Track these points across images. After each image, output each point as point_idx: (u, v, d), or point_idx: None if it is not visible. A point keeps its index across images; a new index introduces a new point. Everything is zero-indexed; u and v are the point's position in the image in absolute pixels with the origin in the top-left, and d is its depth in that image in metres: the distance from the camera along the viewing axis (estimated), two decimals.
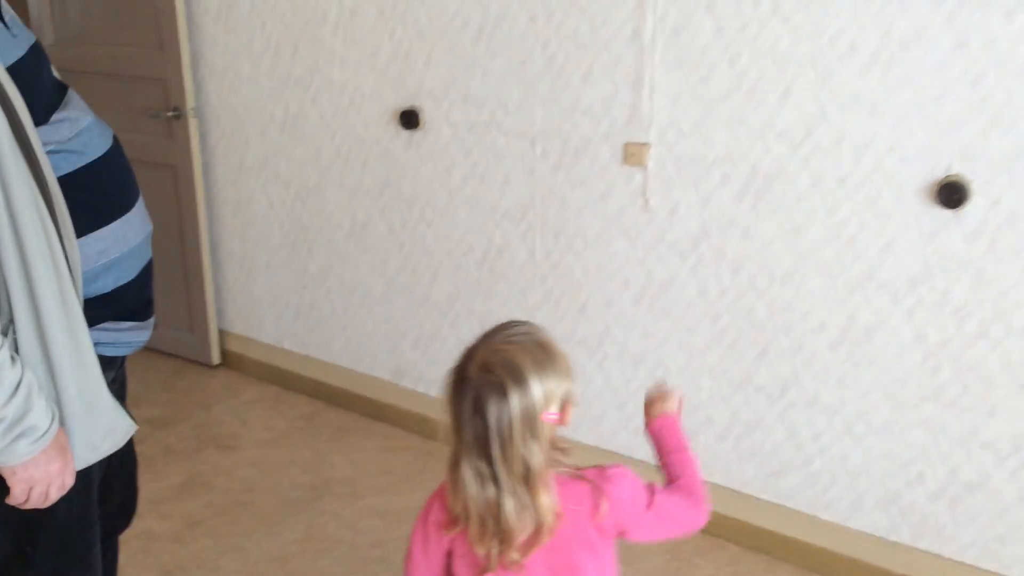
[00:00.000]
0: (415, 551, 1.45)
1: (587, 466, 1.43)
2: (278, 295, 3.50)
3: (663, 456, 1.55)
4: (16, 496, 1.40)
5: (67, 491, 1.44)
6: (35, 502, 1.42)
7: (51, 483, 1.40)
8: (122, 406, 1.56)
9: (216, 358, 3.69)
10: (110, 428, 1.49)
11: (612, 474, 1.41)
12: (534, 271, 2.81)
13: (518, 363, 1.30)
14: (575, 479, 1.40)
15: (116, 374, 1.60)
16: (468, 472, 1.32)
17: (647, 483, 1.46)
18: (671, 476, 1.52)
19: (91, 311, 1.46)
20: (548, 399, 1.32)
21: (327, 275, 3.33)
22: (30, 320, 1.34)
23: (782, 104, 2.26)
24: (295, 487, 2.93)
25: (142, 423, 1.94)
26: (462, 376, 1.33)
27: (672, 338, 2.61)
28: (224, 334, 3.69)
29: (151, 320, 1.64)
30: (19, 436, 1.32)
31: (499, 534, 1.33)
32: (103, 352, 1.50)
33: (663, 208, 2.51)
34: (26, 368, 1.35)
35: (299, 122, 3.18)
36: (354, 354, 3.36)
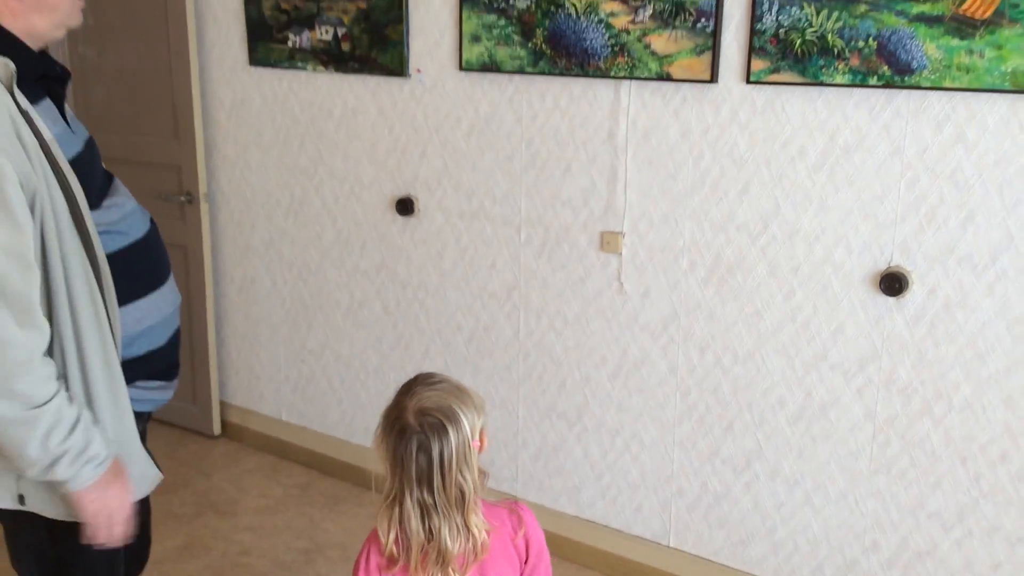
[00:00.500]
0: None
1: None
2: (278, 369, 3.70)
3: None
4: (89, 516, 1.56)
5: (125, 522, 1.61)
6: (103, 530, 1.58)
7: (113, 507, 1.56)
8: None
9: (217, 429, 3.86)
10: (141, 475, 1.67)
11: (523, 506, 1.68)
12: (518, 348, 3.01)
13: (449, 404, 1.54)
14: (495, 504, 1.66)
15: (143, 428, 1.79)
16: (411, 506, 1.55)
17: None
18: None
19: (127, 371, 1.66)
20: (472, 431, 1.55)
21: (325, 350, 3.53)
22: (78, 376, 1.54)
23: (741, 200, 2.49)
24: (289, 551, 3.08)
25: None
26: (402, 425, 1.55)
27: (645, 412, 2.80)
28: (225, 406, 3.88)
29: (175, 381, 1.84)
30: (84, 463, 1.51)
31: (439, 558, 1.55)
32: (135, 408, 1.70)
33: (636, 292, 2.73)
34: (81, 406, 1.54)
35: (303, 208, 3.42)
36: (348, 426, 3.54)
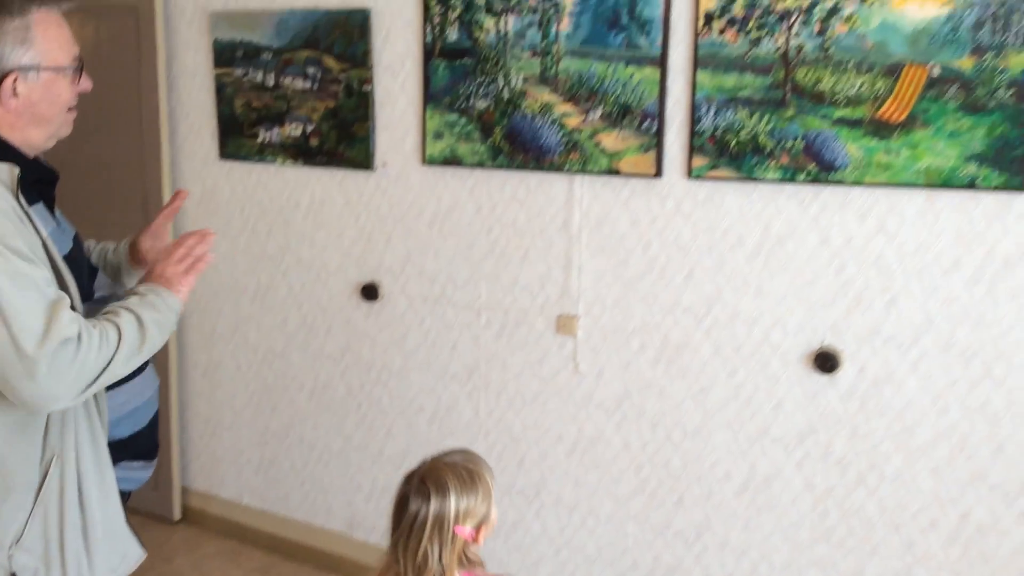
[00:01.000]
0: None
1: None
2: (240, 452, 3.76)
3: None
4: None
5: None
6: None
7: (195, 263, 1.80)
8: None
9: (178, 514, 3.89)
10: (124, 553, 1.76)
11: None
12: (478, 427, 3.13)
13: (444, 480, 1.66)
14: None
15: (124, 506, 1.88)
16: (390, 558, 1.67)
17: None
18: None
19: (114, 451, 1.76)
20: (464, 515, 1.66)
21: (288, 432, 3.61)
22: (72, 456, 1.64)
23: (686, 284, 2.68)
24: None
25: None
26: (407, 477, 1.70)
27: (600, 488, 2.92)
28: (186, 490, 3.91)
29: (155, 460, 1.94)
30: (168, 311, 1.71)
31: None
32: (120, 486, 1.79)
33: (591, 371, 2.88)
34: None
35: (270, 294, 3.55)
36: (310, 508, 3.60)
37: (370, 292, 3.27)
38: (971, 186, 2.23)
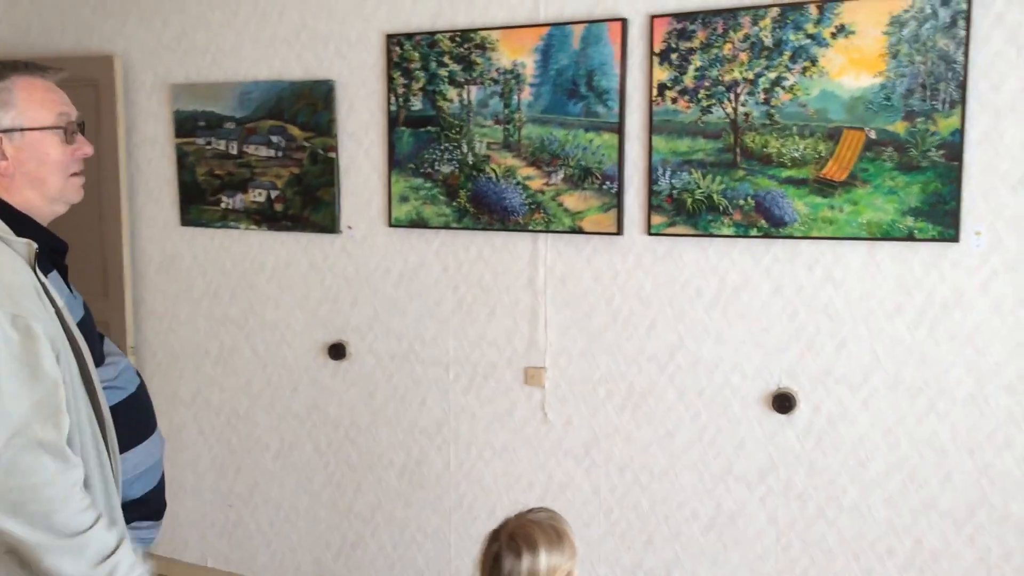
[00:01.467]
0: None
1: None
2: (203, 515, 3.76)
3: None
4: None
5: None
6: None
7: None
8: None
9: None
10: None
11: None
12: (449, 479, 3.22)
13: (535, 537, 1.75)
14: None
15: None
16: None
17: None
18: None
19: (127, 512, 1.80)
20: (551, 571, 1.75)
21: (253, 494, 3.64)
22: None
23: (649, 334, 2.84)
24: None
25: None
26: (494, 535, 1.78)
27: (572, 531, 3.03)
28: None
29: (162, 521, 1.99)
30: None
31: None
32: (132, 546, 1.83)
33: (559, 420, 3.01)
34: (123, 532, 1.67)
35: (233, 356, 3.59)
36: (278, 567, 3.62)
37: (337, 351, 3.35)
38: (909, 238, 2.45)
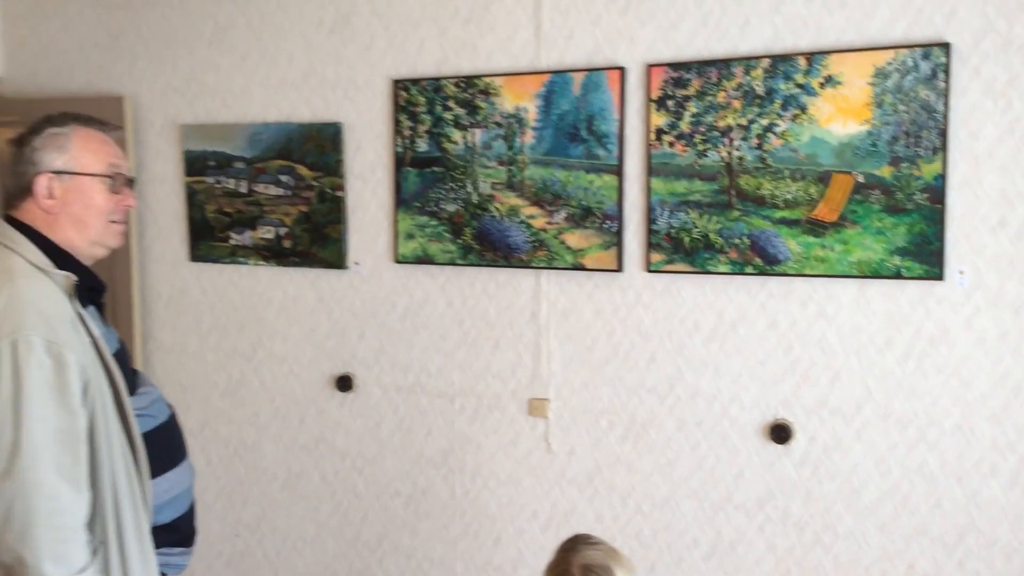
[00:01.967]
0: None
1: None
2: (210, 545, 3.82)
3: None
4: None
5: None
6: None
7: None
8: None
9: None
10: None
11: None
12: (455, 508, 3.31)
13: (609, 565, 1.84)
14: None
15: None
16: None
17: None
18: None
19: (157, 537, 1.89)
20: None
21: (260, 523, 3.71)
22: (115, 541, 1.77)
23: (649, 367, 2.95)
24: None
25: None
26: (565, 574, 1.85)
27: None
28: None
29: (192, 548, 2.07)
30: None
31: None
32: (162, 570, 1.92)
33: (562, 450, 3.11)
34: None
35: (241, 388, 3.68)
36: None
37: (344, 383, 3.44)
38: (897, 276, 2.57)
